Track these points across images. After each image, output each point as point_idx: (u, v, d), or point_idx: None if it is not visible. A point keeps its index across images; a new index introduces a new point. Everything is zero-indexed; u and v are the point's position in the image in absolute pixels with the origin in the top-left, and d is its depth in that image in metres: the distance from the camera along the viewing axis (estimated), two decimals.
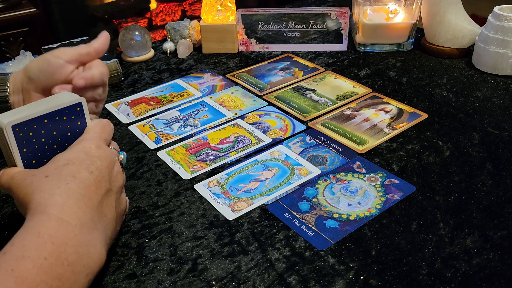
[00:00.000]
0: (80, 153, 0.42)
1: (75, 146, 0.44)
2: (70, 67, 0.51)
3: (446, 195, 0.53)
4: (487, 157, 0.59)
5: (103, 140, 0.46)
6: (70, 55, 0.51)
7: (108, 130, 0.47)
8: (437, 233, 0.48)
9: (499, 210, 0.51)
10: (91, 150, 0.43)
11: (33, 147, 0.43)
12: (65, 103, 0.45)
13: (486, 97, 0.73)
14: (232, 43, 0.91)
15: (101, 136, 0.46)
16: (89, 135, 0.45)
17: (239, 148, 0.64)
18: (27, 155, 0.43)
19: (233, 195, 0.55)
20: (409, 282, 0.43)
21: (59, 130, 0.45)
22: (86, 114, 0.47)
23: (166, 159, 0.62)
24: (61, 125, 0.45)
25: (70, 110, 0.45)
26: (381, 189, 0.55)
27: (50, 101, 0.45)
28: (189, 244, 0.48)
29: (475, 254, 0.46)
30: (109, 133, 0.47)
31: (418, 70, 0.82)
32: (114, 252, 0.48)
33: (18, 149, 0.42)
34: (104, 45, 0.53)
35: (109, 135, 0.47)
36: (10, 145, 0.42)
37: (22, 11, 1.54)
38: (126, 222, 0.51)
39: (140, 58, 0.89)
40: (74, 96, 0.46)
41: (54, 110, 0.44)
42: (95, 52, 0.52)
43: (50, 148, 0.45)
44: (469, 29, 0.83)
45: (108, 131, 0.47)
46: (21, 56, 0.80)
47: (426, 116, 0.68)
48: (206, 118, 0.71)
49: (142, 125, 0.70)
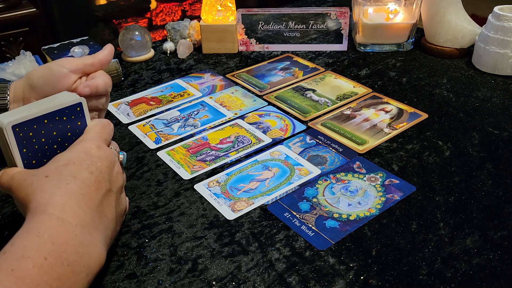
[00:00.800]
0: (81, 153, 0.42)
1: (75, 146, 0.44)
2: (74, 76, 0.51)
3: (446, 195, 0.53)
4: (487, 157, 0.59)
5: (103, 140, 0.46)
6: (75, 65, 0.51)
7: (108, 130, 0.47)
8: (437, 233, 0.48)
9: (499, 210, 0.51)
10: (91, 150, 0.43)
11: (33, 147, 0.43)
12: (65, 103, 0.45)
13: (486, 97, 0.73)
14: (232, 43, 0.91)
15: (101, 136, 0.46)
16: (89, 135, 0.45)
17: (239, 148, 0.64)
18: (27, 155, 0.43)
19: (233, 195, 0.55)
20: (409, 282, 0.43)
21: (59, 130, 0.45)
22: (86, 114, 0.47)
23: (166, 159, 0.62)
24: (61, 125, 0.45)
25: (70, 110, 0.45)
26: (381, 189, 0.55)
27: (50, 101, 0.45)
28: (189, 244, 0.48)
29: (475, 254, 0.46)
30: (109, 133, 0.47)
31: (418, 70, 0.82)
32: (114, 252, 0.48)
33: (18, 149, 0.42)
34: (108, 56, 0.53)
35: (109, 135, 0.47)
36: (10, 145, 0.42)
37: (22, 11, 1.54)
38: (126, 222, 0.51)
39: (140, 58, 0.89)
40: (74, 96, 0.46)
41: (54, 110, 0.44)
42: (99, 63, 0.52)
43: (50, 148, 0.45)
44: (469, 29, 0.83)
45: (108, 131, 0.47)
46: (21, 56, 0.80)
47: (426, 116, 0.68)
48: (206, 118, 0.71)
49: (142, 125, 0.70)
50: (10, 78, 0.77)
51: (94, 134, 0.45)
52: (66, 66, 0.51)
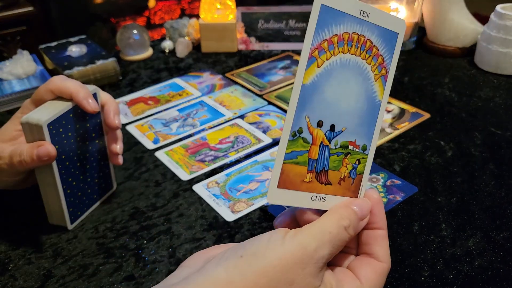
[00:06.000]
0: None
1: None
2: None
3: (448, 196, 0.53)
4: (490, 157, 0.59)
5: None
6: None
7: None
8: (439, 234, 0.48)
9: (502, 211, 0.50)
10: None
11: (63, 142, 0.46)
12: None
13: (488, 97, 0.72)
14: (232, 41, 0.90)
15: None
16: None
17: (239, 148, 0.63)
18: (58, 151, 0.45)
19: (232, 196, 0.54)
20: (411, 284, 0.43)
21: (81, 123, 0.48)
22: (99, 103, 0.49)
23: (164, 159, 0.61)
24: (82, 117, 0.47)
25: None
26: (383, 189, 0.54)
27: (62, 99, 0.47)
28: (188, 246, 0.48)
29: (478, 256, 0.45)
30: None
31: (420, 69, 0.82)
32: (112, 253, 0.47)
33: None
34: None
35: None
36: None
37: (20, 9, 1.53)
38: (124, 224, 0.51)
39: (139, 57, 0.89)
40: (91, 87, 0.48)
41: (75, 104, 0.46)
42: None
43: (74, 142, 0.47)
44: (471, 28, 0.82)
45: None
46: (18, 56, 0.79)
47: (428, 116, 0.68)
48: (205, 117, 0.70)
49: (141, 125, 0.69)
50: (7, 77, 0.76)
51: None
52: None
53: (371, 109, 0.34)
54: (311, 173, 0.32)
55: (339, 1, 0.31)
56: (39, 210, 0.50)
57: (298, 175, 0.31)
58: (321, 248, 0.30)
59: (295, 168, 0.31)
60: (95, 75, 0.78)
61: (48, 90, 0.46)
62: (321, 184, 0.33)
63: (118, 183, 0.57)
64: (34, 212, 0.51)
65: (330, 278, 0.31)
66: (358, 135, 0.33)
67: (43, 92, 0.47)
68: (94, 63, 0.78)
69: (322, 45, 0.31)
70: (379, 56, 0.33)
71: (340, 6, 0.31)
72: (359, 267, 0.33)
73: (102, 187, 0.53)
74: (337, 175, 0.33)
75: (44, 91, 0.47)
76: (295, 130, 0.31)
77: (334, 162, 0.33)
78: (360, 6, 0.32)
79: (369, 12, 0.32)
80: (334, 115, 0.32)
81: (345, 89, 0.32)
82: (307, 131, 0.31)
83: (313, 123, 0.31)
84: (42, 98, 0.47)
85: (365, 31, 0.32)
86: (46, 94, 0.47)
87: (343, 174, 0.33)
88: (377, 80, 0.34)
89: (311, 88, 0.31)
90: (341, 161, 0.33)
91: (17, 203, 0.53)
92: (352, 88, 0.32)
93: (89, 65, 0.78)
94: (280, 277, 0.28)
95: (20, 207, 0.53)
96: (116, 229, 0.50)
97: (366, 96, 0.33)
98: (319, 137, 0.32)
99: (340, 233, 0.31)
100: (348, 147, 0.33)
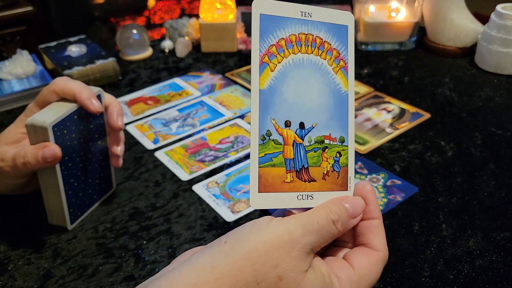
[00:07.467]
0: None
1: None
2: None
3: (449, 196, 0.53)
4: (490, 157, 0.59)
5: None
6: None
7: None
8: (440, 235, 0.48)
9: (502, 211, 0.50)
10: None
11: (66, 143, 0.46)
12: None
13: (489, 97, 0.72)
14: (232, 41, 0.90)
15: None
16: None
17: (239, 148, 0.63)
18: (63, 154, 0.45)
19: (232, 196, 0.54)
20: (411, 284, 0.42)
21: (85, 124, 0.48)
22: (103, 104, 0.49)
23: (164, 159, 0.61)
24: (85, 118, 0.48)
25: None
26: (383, 190, 0.54)
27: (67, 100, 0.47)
28: (187, 246, 0.48)
29: (478, 256, 0.45)
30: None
31: (420, 69, 0.81)
32: (111, 254, 0.47)
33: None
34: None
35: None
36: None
37: (19, 9, 1.53)
38: (124, 224, 0.51)
39: (138, 57, 0.89)
40: (95, 88, 0.48)
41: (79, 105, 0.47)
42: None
43: (78, 143, 0.47)
44: (471, 27, 0.82)
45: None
46: (18, 55, 0.79)
47: (429, 116, 0.68)
48: (205, 117, 0.70)
49: (140, 125, 0.69)
50: (7, 77, 0.76)
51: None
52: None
53: (339, 101, 0.34)
54: (291, 173, 0.32)
55: (276, 8, 0.31)
56: (39, 210, 0.50)
57: (278, 176, 0.31)
58: (307, 235, 0.29)
59: (273, 171, 0.31)
60: (94, 75, 0.78)
61: (51, 91, 0.46)
62: (304, 182, 0.33)
63: (118, 183, 0.56)
64: (34, 212, 0.51)
65: (320, 264, 0.31)
66: (331, 128, 0.33)
67: (46, 94, 0.47)
68: (93, 63, 0.78)
69: (270, 50, 0.31)
70: (333, 50, 0.34)
71: (279, 12, 0.31)
72: (353, 256, 0.33)
73: (102, 187, 0.53)
74: (319, 171, 0.33)
75: (48, 92, 0.47)
76: (263, 133, 0.31)
77: (313, 159, 0.33)
78: (301, 8, 0.32)
79: (311, 11, 0.33)
80: (300, 113, 0.32)
81: (306, 87, 0.32)
82: (276, 133, 0.31)
83: (280, 124, 0.32)
84: (46, 99, 0.47)
85: (312, 29, 0.33)
86: (50, 95, 0.47)
87: (326, 169, 0.33)
88: (337, 72, 0.34)
89: (270, 91, 0.31)
90: (320, 156, 0.33)
91: (17, 203, 0.53)
92: (312, 85, 0.33)
93: (88, 65, 0.78)
94: (264, 260, 0.28)
95: (20, 207, 0.53)
96: (116, 229, 0.50)
97: (329, 90, 0.33)
98: (290, 136, 0.32)
99: (328, 225, 0.31)
100: (324, 141, 0.33)
